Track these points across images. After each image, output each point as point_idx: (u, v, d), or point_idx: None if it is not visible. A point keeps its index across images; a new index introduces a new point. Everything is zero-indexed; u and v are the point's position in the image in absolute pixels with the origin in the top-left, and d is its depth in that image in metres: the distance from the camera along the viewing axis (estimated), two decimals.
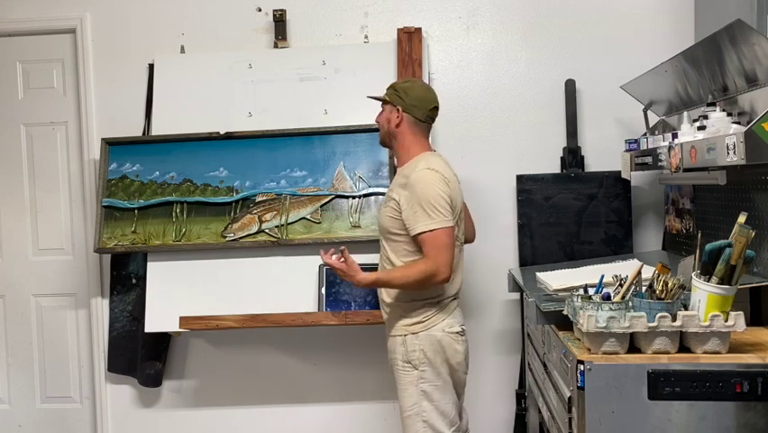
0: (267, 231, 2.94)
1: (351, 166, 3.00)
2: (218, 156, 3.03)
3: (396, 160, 2.57)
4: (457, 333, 2.35)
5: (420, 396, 2.30)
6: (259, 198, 2.97)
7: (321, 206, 2.98)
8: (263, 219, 2.96)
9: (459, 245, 2.39)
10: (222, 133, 3.03)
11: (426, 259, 2.24)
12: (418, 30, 3.10)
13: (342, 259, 2.30)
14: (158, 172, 3.05)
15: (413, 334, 2.32)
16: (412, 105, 2.40)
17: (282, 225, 2.96)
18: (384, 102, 2.47)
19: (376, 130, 2.58)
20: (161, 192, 3.03)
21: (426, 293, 2.31)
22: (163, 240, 2.99)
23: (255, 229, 2.95)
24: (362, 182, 3.00)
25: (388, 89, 2.48)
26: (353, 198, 2.98)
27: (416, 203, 2.26)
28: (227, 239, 2.92)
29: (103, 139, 3.12)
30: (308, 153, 3.00)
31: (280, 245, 2.95)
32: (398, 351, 2.35)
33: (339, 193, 2.98)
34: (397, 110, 2.40)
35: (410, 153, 2.42)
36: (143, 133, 3.23)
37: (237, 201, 2.99)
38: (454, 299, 2.41)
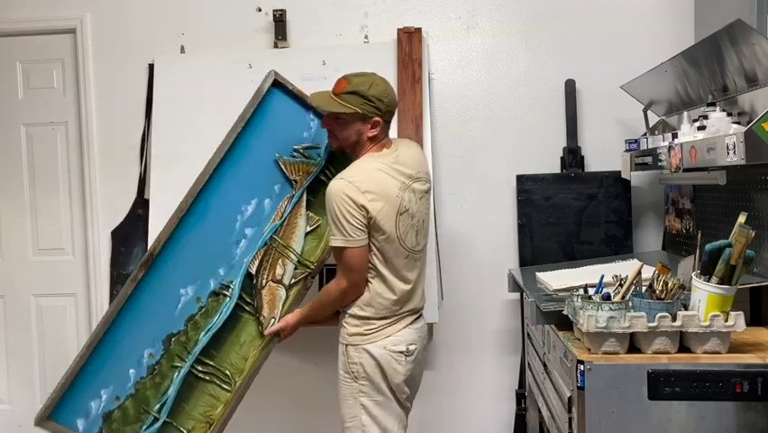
0: (294, 280, 2.37)
1: (280, 148, 2.41)
2: (166, 280, 2.32)
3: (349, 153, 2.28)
4: (401, 352, 2.16)
5: (360, 409, 2.17)
6: (252, 270, 2.35)
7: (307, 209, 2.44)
8: (279, 279, 2.36)
9: (408, 255, 2.19)
10: None
11: (342, 275, 2.15)
12: (418, 30, 3.09)
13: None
14: None
15: (353, 345, 2.17)
16: (388, 112, 2.19)
17: (299, 262, 2.40)
18: (348, 114, 2.15)
19: None
20: None
21: (374, 304, 2.16)
22: None
23: (283, 293, 2.37)
24: (312, 150, 2.42)
25: (352, 96, 2.13)
26: (324, 171, 2.43)
27: (329, 214, 2.11)
28: (272, 325, 2.34)
29: None
30: (236, 180, 2.37)
31: (312, 275, 2.42)
32: (340, 359, 2.23)
33: (307, 182, 2.41)
34: (374, 121, 2.16)
35: (360, 156, 2.21)
36: (143, 134, 3.23)
37: (240, 297, 2.35)
38: (411, 315, 2.24)
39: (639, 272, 1.90)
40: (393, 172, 2.16)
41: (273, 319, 2.34)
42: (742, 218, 1.76)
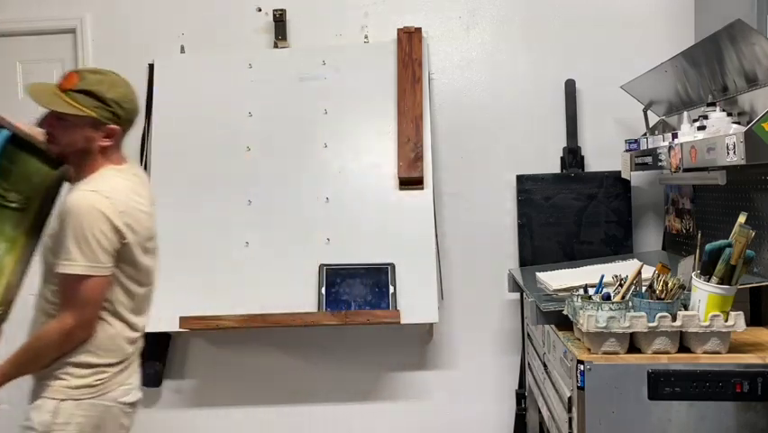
0: None
1: None
2: None
3: (71, 172, 1.87)
4: (132, 404, 1.81)
5: None
6: None
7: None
8: None
9: (150, 287, 1.89)
10: None
11: (70, 311, 1.73)
12: (418, 30, 3.09)
13: None
14: None
15: (75, 400, 1.74)
16: (128, 120, 1.81)
17: None
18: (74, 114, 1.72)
19: None
20: None
21: (112, 347, 1.76)
22: None
23: None
24: None
25: (85, 96, 1.72)
26: None
27: (70, 231, 1.68)
28: None
29: None
30: None
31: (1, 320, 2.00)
32: (41, 419, 1.77)
33: None
34: (110, 129, 1.76)
35: (95, 168, 1.80)
36: (143, 134, 3.22)
37: None
38: (138, 356, 1.90)
39: (639, 272, 1.90)
40: (142, 192, 1.83)
41: None
42: (742, 218, 1.76)
